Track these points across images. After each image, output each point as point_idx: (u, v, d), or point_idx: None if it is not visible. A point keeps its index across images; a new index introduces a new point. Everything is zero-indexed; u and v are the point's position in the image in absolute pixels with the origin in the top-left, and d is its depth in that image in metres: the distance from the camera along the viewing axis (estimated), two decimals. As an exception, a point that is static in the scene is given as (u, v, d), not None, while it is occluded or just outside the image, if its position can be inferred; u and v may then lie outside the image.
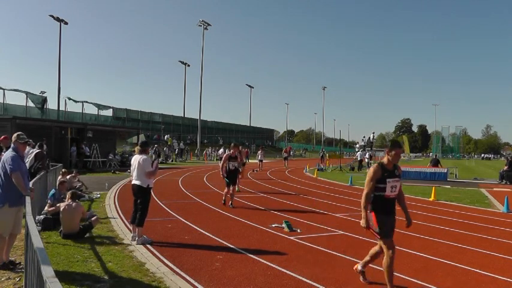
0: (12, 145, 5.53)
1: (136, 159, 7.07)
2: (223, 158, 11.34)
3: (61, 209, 7.14)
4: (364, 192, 4.71)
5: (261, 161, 27.94)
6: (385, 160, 4.76)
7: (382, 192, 4.64)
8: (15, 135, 5.57)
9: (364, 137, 41.38)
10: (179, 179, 19.50)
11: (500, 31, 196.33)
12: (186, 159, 41.67)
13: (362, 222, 4.69)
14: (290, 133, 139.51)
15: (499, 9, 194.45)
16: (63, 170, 12.72)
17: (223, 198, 11.24)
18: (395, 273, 5.39)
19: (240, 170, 11.08)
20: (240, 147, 12.97)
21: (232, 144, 11.40)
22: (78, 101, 44.39)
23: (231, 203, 10.90)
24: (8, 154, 5.36)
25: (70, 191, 7.66)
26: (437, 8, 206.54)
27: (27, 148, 9.39)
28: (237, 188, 12.73)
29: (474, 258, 6.30)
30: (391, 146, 4.77)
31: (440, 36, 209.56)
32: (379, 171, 4.65)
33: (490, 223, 9.57)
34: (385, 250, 4.67)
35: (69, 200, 7.25)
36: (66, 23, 41.71)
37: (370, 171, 4.73)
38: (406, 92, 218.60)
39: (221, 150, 34.15)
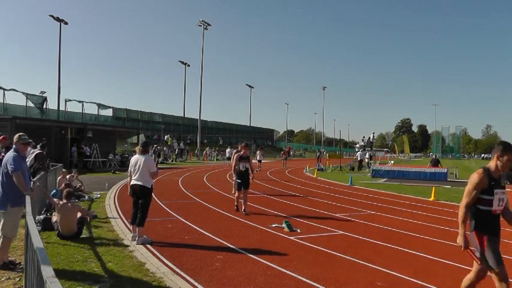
0: (13, 146, 5.58)
1: (138, 160, 7.02)
2: (234, 159, 10.69)
3: (56, 209, 7.00)
4: (463, 202, 3.80)
5: (259, 161, 27.94)
6: (491, 165, 3.81)
7: (489, 207, 3.72)
8: (16, 136, 5.62)
9: (364, 137, 41.41)
10: (179, 179, 19.50)
11: (500, 31, 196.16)
12: (186, 159, 41.68)
13: (459, 240, 3.83)
14: (290, 133, 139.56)
15: (499, 9, 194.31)
16: (63, 170, 12.73)
17: (235, 204, 10.41)
18: (395, 274, 5.40)
19: (250, 170, 10.63)
20: None
21: (243, 144, 10.94)
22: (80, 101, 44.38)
23: (244, 209, 9.97)
24: (10, 155, 5.43)
25: (65, 190, 7.49)
26: (437, 8, 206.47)
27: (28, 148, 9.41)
28: (233, 190, 12.30)
29: (474, 258, 6.29)
30: (503, 149, 3.75)
31: (440, 36, 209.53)
32: (485, 179, 3.72)
33: (490, 223, 9.55)
34: (496, 283, 3.68)
35: (65, 200, 7.15)
36: (66, 23, 41.74)
37: (474, 177, 3.76)
38: (406, 92, 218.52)
39: (228, 149, 34.22)
